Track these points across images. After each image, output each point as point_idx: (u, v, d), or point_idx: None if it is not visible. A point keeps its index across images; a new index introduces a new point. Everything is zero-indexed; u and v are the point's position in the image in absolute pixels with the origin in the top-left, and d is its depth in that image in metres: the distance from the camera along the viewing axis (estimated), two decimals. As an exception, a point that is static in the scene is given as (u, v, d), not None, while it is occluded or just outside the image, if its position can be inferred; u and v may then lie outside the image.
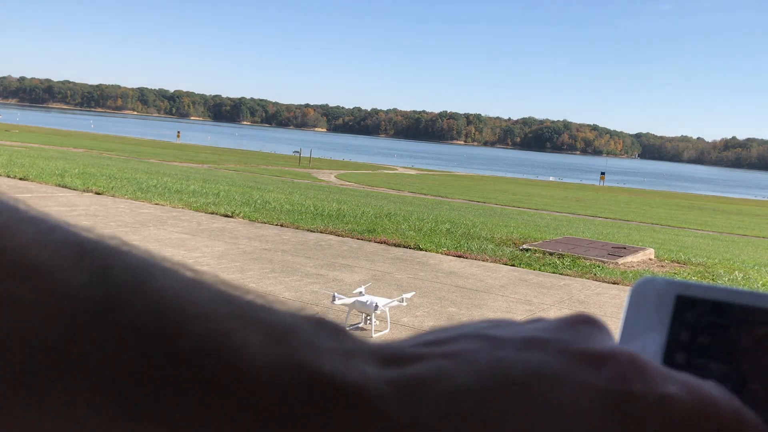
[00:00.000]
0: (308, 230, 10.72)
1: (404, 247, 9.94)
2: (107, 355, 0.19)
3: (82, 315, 0.20)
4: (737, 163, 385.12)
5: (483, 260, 9.34)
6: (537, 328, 0.25)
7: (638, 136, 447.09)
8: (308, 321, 0.23)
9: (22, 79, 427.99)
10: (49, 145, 32.80)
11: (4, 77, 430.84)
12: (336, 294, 5.65)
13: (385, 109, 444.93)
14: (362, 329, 5.64)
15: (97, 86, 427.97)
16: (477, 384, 0.21)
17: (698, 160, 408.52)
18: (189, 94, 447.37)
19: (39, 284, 0.20)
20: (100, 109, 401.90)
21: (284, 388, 0.20)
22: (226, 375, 0.20)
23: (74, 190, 13.03)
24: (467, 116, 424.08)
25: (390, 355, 0.23)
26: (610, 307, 7.23)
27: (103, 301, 0.20)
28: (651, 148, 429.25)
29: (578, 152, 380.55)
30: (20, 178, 14.01)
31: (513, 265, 9.14)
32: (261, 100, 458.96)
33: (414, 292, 6.51)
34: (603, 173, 61.60)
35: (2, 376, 0.19)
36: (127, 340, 0.20)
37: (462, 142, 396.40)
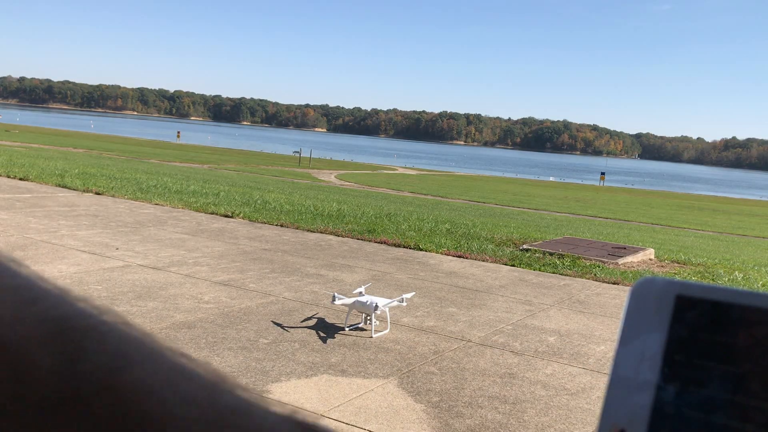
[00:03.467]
0: (308, 230, 10.71)
1: (404, 247, 9.94)
2: None
3: (43, 406, 0.19)
4: (737, 163, 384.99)
5: (483, 260, 9.33)
6: None
7: (638, 136, 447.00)
8: (293, 428, 0.21)
9: (22, 79, 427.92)
10: (49, 146, 32.80)
11: (4, 77, 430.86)
12: (336, 294, 5.65)
13: (385, 109, 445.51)
14: (362, 329, 5.64)
15: (97, 86, 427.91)
16: None
17: (698, 160, 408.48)
18: (189, 95, 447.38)
19: (2, 367, 0.19)
20: (100, 110, 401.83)
21: None
22: None
23: (74, 190, 13.03)
24: (467, 116, 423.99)
25: None
26: (610, 307, 7.23)
27: (67, 393, 0.19)
28: (651, 148, 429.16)
29: (578, 152, 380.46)
30: (20, 178, 14.01)
31: (513, 265, 9.14)
32: (261, 100, 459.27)
33: (414, 293, 6.51)
34: (603, 173, 61.59)
35: None
36: None
37: (462, 143, 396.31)
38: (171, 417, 0.19)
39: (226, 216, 11.47)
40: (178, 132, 74.76)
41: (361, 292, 5.68)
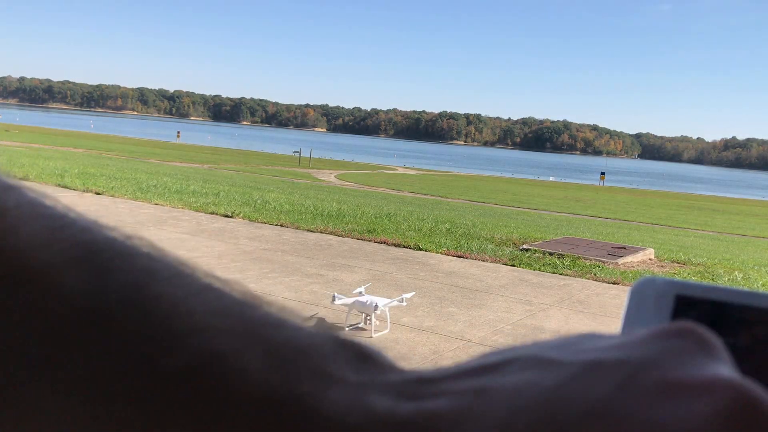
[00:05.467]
0: (308, 230, 10.72)
1: (404, 247, 9.94)
2: (92, 368, 0.18)
3: (72, 324, 0.19)
4: (737, 163, 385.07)
5: (483, 260, 9.34)
6: (610, 346, 0.20)
7: (638, 136, 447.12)
8: (328, 342, 0.20)
9: (22, 79, 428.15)
10: (49, 145, 32.81)
11: (4, 77, 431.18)
12: (336, 294, 5.65)
13: (385, 109, 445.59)
14: (362, 329, 5.64)
15: (97, 86, 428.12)
16: (507, 429, 0.17)
17: (698, 160, 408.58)
18: (189, 94, 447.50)
19: (33, 290, 0.19)
20: (100, 109, 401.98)
21: (271, 423, 0.18)
22: (214, 401, 0.18)
23: (74, 190, 13.03)
24: (467, 116, 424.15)
25: (413, 386, 0.19)
26: (610, 307, 7.23)
27: (96, 310, 0.19)
28: (651, 148, 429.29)
29: (578, 152, 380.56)
30: (20, 179, 14.00)
31: (513, 265, 9.14)
32: (261, 100, 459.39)
33: (414, 292, 6.51)
34: (603, 173, 61.50)
35: None
36: (113, 354, 0.19)
37: (462, 142, 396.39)
38: (200, 328, 0.19)
39: (226, 216, 11.48)
40: (178, 132, 74.77)
41: (361, 292, 5.69)
